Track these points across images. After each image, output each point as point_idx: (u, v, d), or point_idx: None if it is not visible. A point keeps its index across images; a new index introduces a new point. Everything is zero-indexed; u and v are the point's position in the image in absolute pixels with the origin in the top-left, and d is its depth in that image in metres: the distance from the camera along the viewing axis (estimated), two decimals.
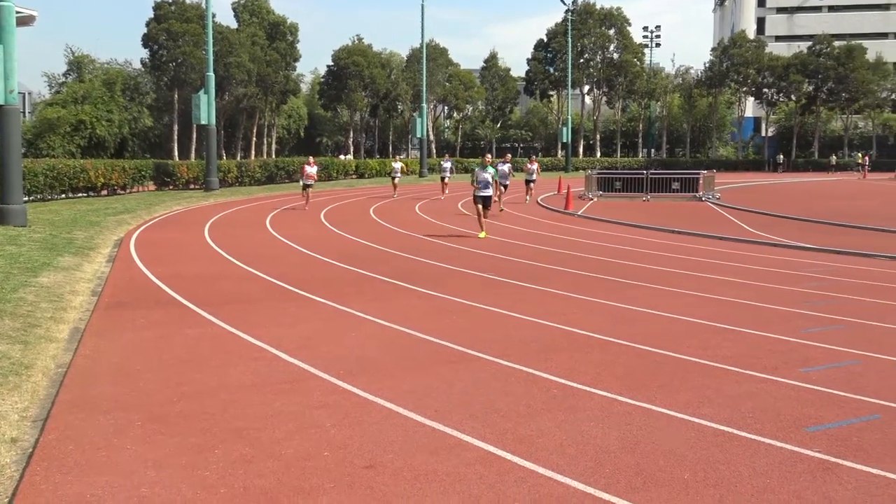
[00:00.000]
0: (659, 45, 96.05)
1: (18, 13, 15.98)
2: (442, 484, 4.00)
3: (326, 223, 19.34)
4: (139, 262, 12.11)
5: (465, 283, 10.35)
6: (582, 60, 72.38)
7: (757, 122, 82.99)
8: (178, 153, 54.17)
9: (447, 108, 77.42)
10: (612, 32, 73.26)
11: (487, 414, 5.08)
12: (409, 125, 68.94)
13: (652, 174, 29.71)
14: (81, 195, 24.78)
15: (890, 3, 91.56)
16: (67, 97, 48.37)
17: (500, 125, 79.64)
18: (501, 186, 22.03)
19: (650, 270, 11.66)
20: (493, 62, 77.63)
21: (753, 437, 4.71)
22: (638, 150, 76.99)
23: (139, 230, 17.07)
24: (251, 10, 62.64)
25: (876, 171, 59.82)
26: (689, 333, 7.47)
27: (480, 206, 16.35)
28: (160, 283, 10.15)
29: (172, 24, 53.44)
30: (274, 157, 59.65)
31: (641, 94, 73.66)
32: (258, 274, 10.94)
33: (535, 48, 74.77)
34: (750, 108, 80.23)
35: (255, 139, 65.01)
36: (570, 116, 65.23)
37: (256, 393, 5.49)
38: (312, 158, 25.61)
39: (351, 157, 62.14)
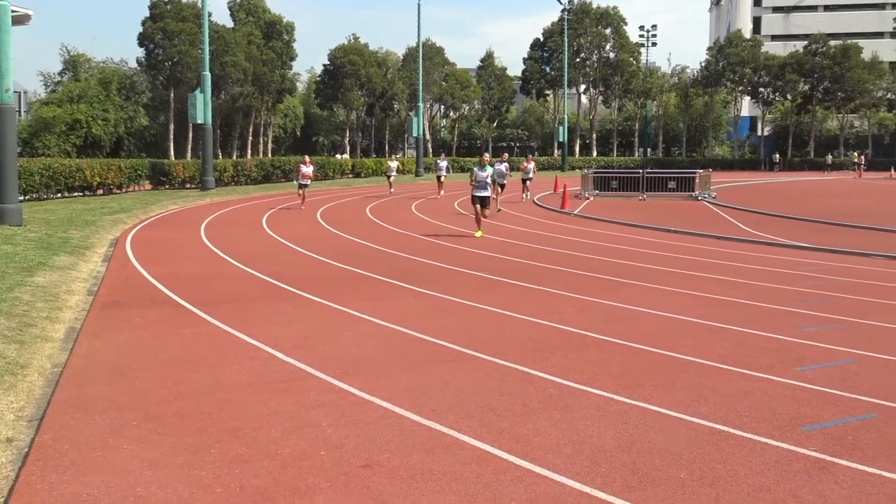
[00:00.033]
0: (655, 44, 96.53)
1: (14, 12, 15.94)
2: (438, 483, 4.00)
3: (323, 222, 19.32)
4: (135, 261, 12.09)
5: (461, 282, 10.35)
6: (578, 59, 72.50)
7: (753, 121, 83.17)
8: (174, 152, 54.03)
9: (443, 107, 77.47)
10: (608, 32, 73.43)
11: (483, 413, 5.08)
12: (405, 124, 68.80)
13: (648, 173, 29.69)
14: (77, 194, 24.74)
15: (886, 2, 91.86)
16: (63, 96, 48.30)
17: (496, 124, 79.64)
18: (499, 186, 22.07)
19: (646, 269, 11.67)
20: (489, 61, 77.69)
21: (749, 435, 4.71)
22: (634, 149, 77.11)
23: (135, 229, 17.04)
24: (247, 9, 62.48)
25: (871, 170, 59.97)
26: (685, 332, 7.48)
27: (478, 205, 16.31)
28: (156, 282, 10.13)
29: (168, 23, 53.35)
30: (270, 156, 59.49)
31: (638, 93, 73.82)
32: (254, 273, 10.93)
33: (531, 47, 74.87)
34: (746, 107, 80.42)
35: (251, 138, 64.98)
36: (566, 115, 65.33)
37: (252, 392, 5.49)
38: (308, 158, 25.58)
39: (347, 156, 62.16)
